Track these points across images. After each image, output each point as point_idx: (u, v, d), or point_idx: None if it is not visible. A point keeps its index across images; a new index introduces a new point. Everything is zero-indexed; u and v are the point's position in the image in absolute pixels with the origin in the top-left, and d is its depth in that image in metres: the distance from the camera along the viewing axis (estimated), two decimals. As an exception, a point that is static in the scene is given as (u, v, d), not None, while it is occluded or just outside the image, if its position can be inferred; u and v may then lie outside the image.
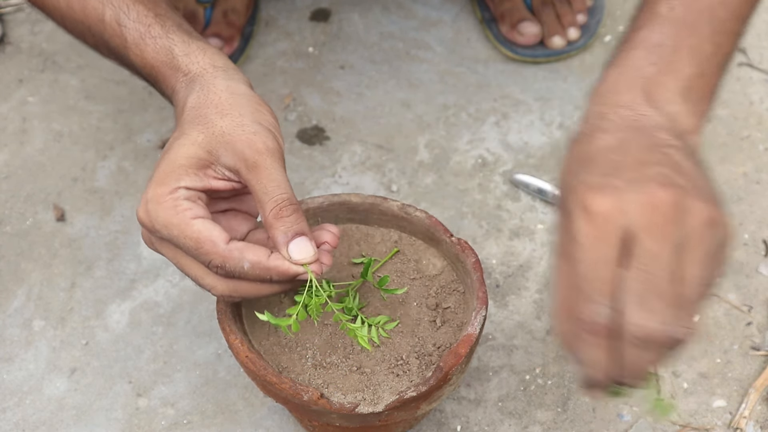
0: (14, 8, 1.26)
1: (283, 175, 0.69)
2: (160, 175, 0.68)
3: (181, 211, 0.67)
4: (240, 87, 0.72)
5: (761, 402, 0.93)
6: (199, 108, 0.70)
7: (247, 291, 0.70)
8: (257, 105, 0.71)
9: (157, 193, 0.67)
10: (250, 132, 0.68)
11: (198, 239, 0.66)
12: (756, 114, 1.15)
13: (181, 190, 0.67)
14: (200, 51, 0.74)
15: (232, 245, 0.66)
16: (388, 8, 1.27)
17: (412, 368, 0.76)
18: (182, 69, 0.73)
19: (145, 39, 0.74)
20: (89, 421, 0.92)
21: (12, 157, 1.12)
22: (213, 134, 0.69)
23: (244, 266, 0.66)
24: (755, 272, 1.02)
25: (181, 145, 0.69)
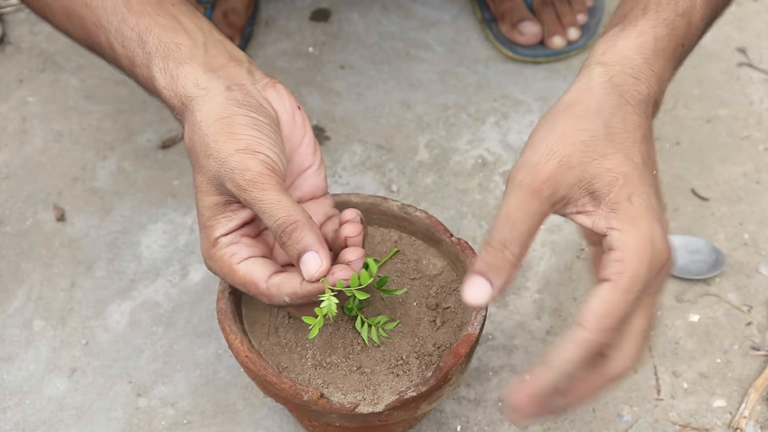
0: (14, 8, 1.26)
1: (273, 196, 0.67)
2: (201, 231, 0.72)
3: (227, 260, 0.70)
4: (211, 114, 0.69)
5: (761, 402, 0.93)
6: (192, 152, 0.71)
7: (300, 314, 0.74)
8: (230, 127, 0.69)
9: (205, 249, 0.71)
10: (229, 170, 0.67)
11: (245, 284, 0.70)
12: (756, 114, 1.15)
13: (221, 239, 0.70)
14: (174, 80, 0.71)
15: (271, 282, 0.69)
16: (388, 8, 1.27)
17: (412, 368, 0.76)
18: (168, 103, 0.73)
19: (135, 68, 0.73)
20: (89, 421, 0.92)
21: (12, 157, 1.12)
22: (210, 178, 0.69)
23: (285, 300, 0.69)
24: (755, 272, 1.02)
25: (199, 198, 0.71)
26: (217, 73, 0.72)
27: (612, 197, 0.60)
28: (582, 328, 0.59)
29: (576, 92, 0.63)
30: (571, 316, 0.98)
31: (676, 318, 0.98)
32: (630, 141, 0.61)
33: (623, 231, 0.59)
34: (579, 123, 0.61)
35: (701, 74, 1.19)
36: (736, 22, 1.24)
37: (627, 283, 0.58)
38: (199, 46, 0.73)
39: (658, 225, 0.60)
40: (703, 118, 1.15)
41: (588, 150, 0.60)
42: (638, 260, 0.59)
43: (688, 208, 1.07)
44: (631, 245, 0.59)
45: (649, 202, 0.60)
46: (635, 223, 0.59)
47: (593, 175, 0.60)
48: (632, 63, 0.64)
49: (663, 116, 1.15)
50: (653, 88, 0.64)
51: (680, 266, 1.01)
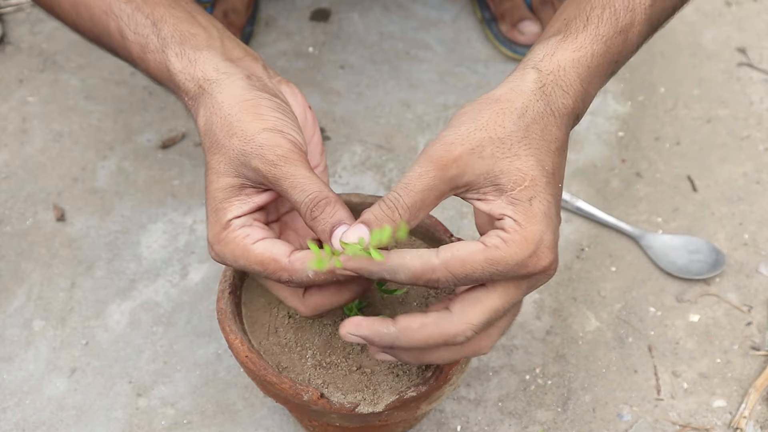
0: (14, 8, 1.26)
1: (304, 172, 0.66)
2: (210, 215, 0.68)
3: (241, 240, 0.67)
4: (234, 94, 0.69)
5: (761, 402, 0.93)
6: (210, 134, 0.69)
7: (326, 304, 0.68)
8: (255, 108, 0.69)
9: (214, 234, 0.68)
10: (257, 146, 0.66)
11: (262, 262, 0.66)
12: (756, 114, 1.15)
13: (233, 221, 0.67)
14: (191, 64, 0.71)
15: (294, 257, 0.65)
16: (388, 8, 1.27)
17: (412, 368, 0.76)
18: (182, 88, 0.72)
19: (146, 54, 0.73)
20: (89, 421, 0.92)
21: (12, 157, 1.12)
22: (230, 158, 0.68)
23: (309, 275, 0.65)
24: (755, 272, 1.02)
25: (212, 180, 0.68)
26: (236, 62, 0.72)
27: (515, 194, 0.62)
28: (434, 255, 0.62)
29: (507, 90, 0.65)
30: (571, 315, 0.98)
31: (676, 318, 0.98)
32: (545, 149, 0.64)
33: (518, 222, 0.62)
34: (502, 119, 0.63)
35: (701, 74, 1.19)
36: (736, 22, 1.24)
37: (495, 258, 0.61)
38: (216, 38, 0.73)
39: (549, 233, 0.62)
40: (703, 118, 1.15)
41: (503, 146, 0.63)
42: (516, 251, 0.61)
43: (688, 208, 1.07)
44: (517, 236, 0.61)
45: (548, 210, 0.63)
46: (530, 221, 0.62)
47: (502, 170, 0.63)
48: (566, 76, 0.66)
49: (663, 116, 1.15)
50: (578, 104, 0.66)
51: (680, 266, 1.01)
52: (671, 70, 1.20)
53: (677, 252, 1.02)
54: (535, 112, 0.64)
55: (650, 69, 1.20)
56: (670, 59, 1.21)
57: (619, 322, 0.98)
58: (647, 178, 1.09)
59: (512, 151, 0.63)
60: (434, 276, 0.62)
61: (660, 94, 1.17)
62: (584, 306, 0.99)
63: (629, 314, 0.99)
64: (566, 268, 1.02)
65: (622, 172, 1.10)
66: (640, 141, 1.13)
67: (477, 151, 0.62)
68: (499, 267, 0.61)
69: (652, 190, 1.08)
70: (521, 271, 0.62)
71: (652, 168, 1.10)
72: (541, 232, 0.62)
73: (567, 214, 1.06)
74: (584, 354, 0.96)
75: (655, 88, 1.18)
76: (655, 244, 1.03)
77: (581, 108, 0.68)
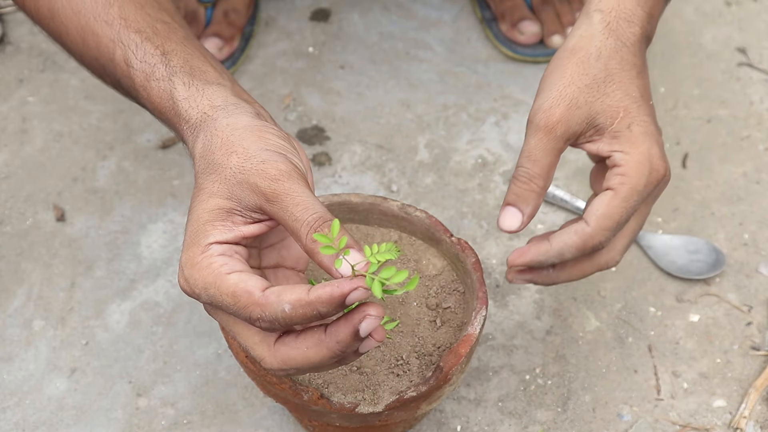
0: (14, 8, 1.26)
1: (308, 193, 0.62)
2: (189, 237, 0.63)
3: (216, 268, 0.61)
4: (241, 120, 0.67)
5: (761, 402, 0.93)
6: (207, 155, 0.65)
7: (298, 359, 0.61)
8: (260, 132, 0.66)
9: (189, 256, 0.62)
10: (258, 162, 0.63)
11: (234, 293, 0.60)
12: (756, 114, 1.15)
13: (213, 246, 0.62)
14: (199, 93, 0.69)
15: (269, 291, 0.59)
16: (388, 8, 1.27)
17: (412, 368, 0.76)
18: (183, 116, 0.69)
19: (150, 81, 0.71)
20: (89, 421, 0.92)
21: (12, 157, 1.12)
22: (226, 178, 0.63)
23: (285, 309, 0.58)
24: (755, 272, 1.02)
25: (201, 200, 0.64)
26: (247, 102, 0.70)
27: (614, 128, 0.71)
28: (585, 224, 0.71)
29: (578, 39, 0.72)
30: (571, 315, 0.98)
31: (676, 318, 0.98)
32: (627, 79, 0.72)
33: (624, 152, 0.71)
34: (583, 68, 0.71)
35: (701, 74, 1.19)
36: (736, 22, 1.24)
37: (627, 192, 0.70)
38: (226, 79, 0.71)
39: (655, 146, 0.71)
40: (703, 118, 1.15)
41: (591, 91, 0.71)
42: (637, 174, 0.70)
43: (688, 208, 1.07)
44: (631, 162, 0.70)
45: (647, 129, 0.71)
46: (634, 145, 0.71)
47: (597, 111, 0.71)
48: (626, 8, 0.72)
49: (663, 116, 1.15)
50: (645, 28, 0.73)
51: (680, 266, 1.01)
52: (671, 70, 1.20)
53: (677, 252, 1.02)
54: (609, 49, 0.71)
55: (650, 69, 1.20)
56: (670, 59, 1.21)
57: (619, 322, 0.98)
58: (647, 178, 1.09)
59: (601, 92, 0.71)
60: (595, 241, 0.72)
61: (660, 94, 1.17)
62: (584, 306, 0.99)
63: (629, 314, 0.99)
64: (566, 268, 1.02)
65: (622, 172, 1.10)
66: (640, 141, 1.13)
67: (573, 105, 0.71)
68: (635, 197, 0.71)
69: (652, 190, 1.08)
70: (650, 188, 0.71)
71: (652, 168, 1.10)
72: (648, 149, 0.71)
73: (567, 214, 1.06)
74: (584, 354, 0.96)
75: (655, 88, 1.18)
76: (655, 243, 1.03)
77: (650, 30, 0.74)
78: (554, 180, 1.08)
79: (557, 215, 1.06)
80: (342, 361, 0.62)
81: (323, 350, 0.60)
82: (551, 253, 0.74)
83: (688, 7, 1.26)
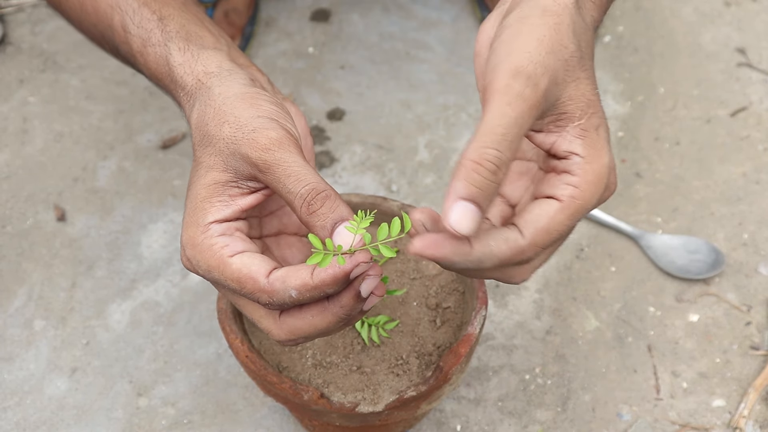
0: (15, 8, 1.26)
1: (300, 163, 0.60)
2: (188, 214, 0.63)
3: (218, 250, 0.61)
4: (232, 88, 0.66)
5: (760, 401, 0.93)
6: (201, 126, 0.65)
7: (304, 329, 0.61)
8: (252, 99, 0.65)
9: (189, 236, 0.62)
10: (249, 131, 0.62)
11: (239, 279, 0.60)
12: (756, 114, 1.16)
13: (213, 225, 0.62)
14: (194, 58, 0.68)
15: (273, 277, 0.59)
16: (388, 9, 1.27)
17: (412, 368, 0.76)
18: (179, 82, 0.68)
19: (147, 47, 0.70)
20: (90, 421, 0.92)
21: (13, 157, 1.12)
22: (220, 150, 0.62)
23: (292, 295, 0.58)
24: (755, 272, 1.02)
25: (199, 175, 0.63)
26: (242, 67, 0.69)
27: (583, 123, 0.58)
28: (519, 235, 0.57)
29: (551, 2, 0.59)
30: (571, 315, 0.98)
31: (676, 318, 0.99)
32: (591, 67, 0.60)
33: (585, 160, 0.58)
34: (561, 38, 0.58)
35: (701, 74, 1.19)
36: (735, 23, 1.25)
37: (576, 209, 0.58)
38: (223, 43, 0.71)
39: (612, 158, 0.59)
40: (702, 118, 1.15)
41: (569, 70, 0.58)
42: (592, 191, 0.58)
43: (688, 208, 1.07)
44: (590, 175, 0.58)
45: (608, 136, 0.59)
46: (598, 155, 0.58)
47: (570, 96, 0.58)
48: None
49: (663, 116, 1.15)
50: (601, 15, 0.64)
51: (680, 266, 1.01)
52: (671, 70, 1.20)
53: (677, 252, 1.02)
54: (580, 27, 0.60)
55: (650, 69, 1.20)
56: (670, 59, 1.21)
57: (619, 322, 0.98)
58: (647, 178, 1.10)
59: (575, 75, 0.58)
60: (525, 256, 0.57)
61: (660, 94, 1.17)
62: (584, 306, 0.99)
63: (629, 314, 0.99)
64: (566, 268, 1.02)
65: (621, 172, 1.10)
66: (640, 141, 1.13)
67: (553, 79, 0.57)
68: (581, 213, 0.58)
69: (652, 190, 1.09)
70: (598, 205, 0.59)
71: (652, 168, 1.11)
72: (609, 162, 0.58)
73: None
74: (584, 354, 0.96)
75: (655, 89, 1.18)
76: (654, 244, 1.03)
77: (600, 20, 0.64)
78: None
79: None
80: (348, 322, 0.61)
81: (328, 316, 0.60)
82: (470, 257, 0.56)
83: (688, 7, 1.26)
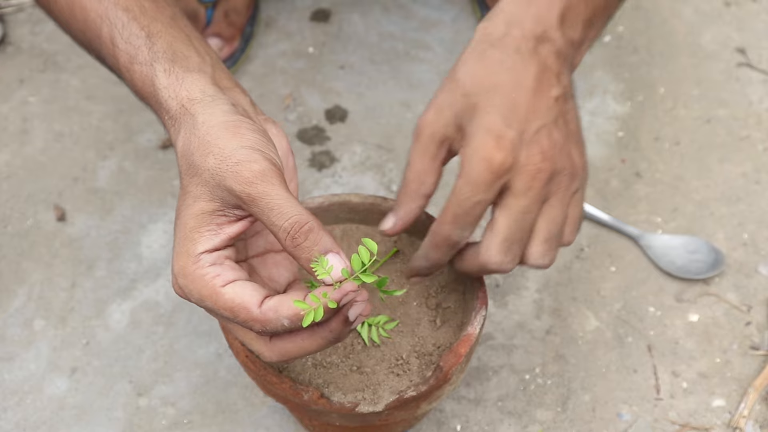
0: (15, 8, 1.26)
1: (283, 195, 0.62)
2: (178, 244, 0.65)
3: (210, 280, 0.63)
4: (216, 117, 0.66)
5: (760, 401, 0.93)
6: (187, 155, 0.66)
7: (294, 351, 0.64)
8: (235, 128, 0.65)
9: (181, 266, 0.64)
10: (233, 164, 0.63)
11: (232, 308, 0.62)
12: (755, 114, 1.16)
13: (203, 255, 0.63)
14: (178, 82, 0.68)
15: (266, 306, 0.61)
16: (388, 9, 1.27)
17: (412, 368, 0.76)
18: (163, 105, 0.69)
19: (134, 65, 0.70)
20: (90, 421, 0.92)
21: (13, 157, 1.12)
22: (205, 180, 0.64)
23: (284, 324, 0.61)
24: (755, 272, 1.02)
25: (186, 205, 0.65)
26: (223, 90, 0.70)
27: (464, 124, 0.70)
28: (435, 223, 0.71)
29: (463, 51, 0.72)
30: (571, 315, 0.98)
31: (676, 318, 0.99)
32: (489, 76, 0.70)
33: (463, 146, 0.70)
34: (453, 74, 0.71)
35: (701, 74, 1.20)
36: (735, 23, 1.25)
37: (459, 185, 0.69)
38: (208, 64, 0.71)
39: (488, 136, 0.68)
40: (702, 118, 1.15)
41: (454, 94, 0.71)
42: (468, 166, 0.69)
43: (688, 208, 1.07)
44: (464, 155, 0.69)
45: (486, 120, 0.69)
46: (470, 138, 0.69)
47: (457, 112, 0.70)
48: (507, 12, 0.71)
49: (663, 116, 1.15)
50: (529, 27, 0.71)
51: (680, 266, 1.01)
52: (671, 70, 1.20)
53: (677, 252, 1.02)
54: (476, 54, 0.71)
55: (650, 69, 1.20)
56: (670, 59, 1.21)
57: (619, 322, 0.98)
58: (647, 178, 1.10)
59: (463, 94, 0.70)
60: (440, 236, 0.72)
61: (659, 94, 1.17)
62: (584, 306, 0.99)
63: (629, 314, 0.99)
64: (566, 268, 1.02)
65: (621, 172, 1.10)
66: (640, 141, 1.13)
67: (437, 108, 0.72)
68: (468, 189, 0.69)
69: (652, 190, 1.09)
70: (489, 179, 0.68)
71: (652, 168, 1.11)
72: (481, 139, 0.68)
73: (567, 214, 1.06)
74: (584, 354, 0.96)
75: (655, 89, 1.18)
76: (654, 243, 1.03)
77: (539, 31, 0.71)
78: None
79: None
80: (337, 342, 0.65)
81: (318, 340, 0.64)
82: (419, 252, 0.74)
83: (688, 7, 1.26)
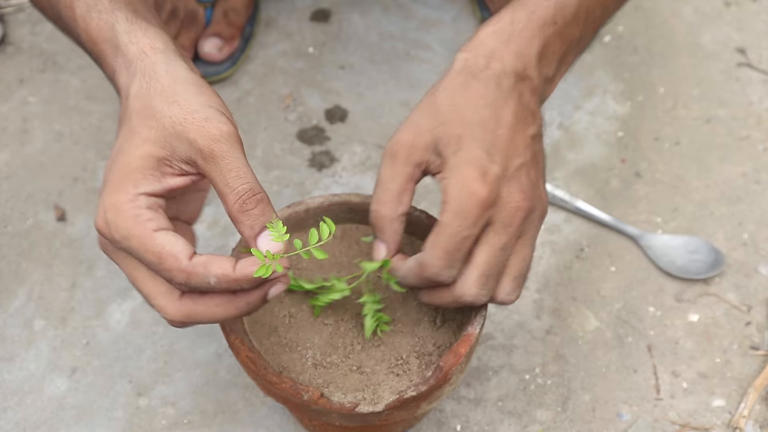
0: (15, 8, 1.26)
1: (243, 162, 0.63)
2: (115, 179, 0.63)
3: (143, 222, 0.62)
4: (180, 71, 0.66)
5: (760, 401, 0.93)
6: (144, 98, 0.65)
7: (203, 315, 0.64)
8: (201, 87, 0.66)
9: (114, 201, 0.63)
10: (201, 118, 0.63)
11: (160, 254, 0.61)
12: (755, 114, 1.16)
13: (142, 197, 0.63)
14: (141, 31, 0.68)
15: (196, 260, 0.61)
16: (388, 8, 1.27)
17: (412, 368, 0.76)
18: (121, 48, 0.68)
19: (92, 12, 0.70)
20: (90, 421, 0.92)
21: (13, 157, 1.12)
22: (164, 127, 0.63)
23: (210, 281, 0.61)
24: (754, 272, 1.02)
25: (135, 145, 0.64)
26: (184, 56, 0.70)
27: (447, 153, 0.69)
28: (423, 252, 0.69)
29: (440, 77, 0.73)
30: (571, 315, 0.98)
31: (676, 318, 0.99)
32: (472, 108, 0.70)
33: (446, 178, 0.69)
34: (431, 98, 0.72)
35: (701, 74, 1.20)
36: (735, 22, 1.25)
37: (447, 219, 0.68)
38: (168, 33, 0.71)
39: (473, 169, 0.68)
40: (702, 118, 1.15)
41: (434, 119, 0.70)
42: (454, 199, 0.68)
43: (688, 208, 1.07)
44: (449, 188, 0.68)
45: (471, 154, 0.68)
46: (454, 170, 0.68)
47: (439, 138, 0.70)
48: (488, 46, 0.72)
49: (663, 116, 1.15)
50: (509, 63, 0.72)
51: (680, 266, 1.01)
52: (671, 70, 1.20)
53: (677, 252, 1.02)
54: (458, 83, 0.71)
55: (650, 69, 1.20)
56: (670, 59, 1.21)
57: (619, 322, 0.98)
58: (646, 178, 1.10)
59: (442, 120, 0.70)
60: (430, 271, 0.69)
61: (659, 94, 1.17)
62: (584, 306, 0.99)
63: (629, 314, 0.99)
64: (566, 267, 1.02)
65: (621, 172, 1.10)
66: (640, 141, 1.13)
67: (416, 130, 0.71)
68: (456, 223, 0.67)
69: (652, 190, 1.09)
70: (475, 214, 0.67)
71: (652, 168, 1.11)
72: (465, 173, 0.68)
73: (566, 214, 1.06)
74: (584, 354, 0.96)
75: (655, 88, 1.18)
76: (654, 243, 1.03)
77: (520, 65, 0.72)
78: (554, 180, 1.08)
79: (558, 215, 1.06)
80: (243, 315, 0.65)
81: (231, 309, 0.64)
82: (399, 272, 0.73)
83: (688, 7, 1.26)
